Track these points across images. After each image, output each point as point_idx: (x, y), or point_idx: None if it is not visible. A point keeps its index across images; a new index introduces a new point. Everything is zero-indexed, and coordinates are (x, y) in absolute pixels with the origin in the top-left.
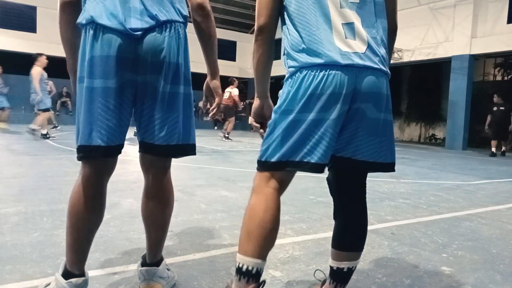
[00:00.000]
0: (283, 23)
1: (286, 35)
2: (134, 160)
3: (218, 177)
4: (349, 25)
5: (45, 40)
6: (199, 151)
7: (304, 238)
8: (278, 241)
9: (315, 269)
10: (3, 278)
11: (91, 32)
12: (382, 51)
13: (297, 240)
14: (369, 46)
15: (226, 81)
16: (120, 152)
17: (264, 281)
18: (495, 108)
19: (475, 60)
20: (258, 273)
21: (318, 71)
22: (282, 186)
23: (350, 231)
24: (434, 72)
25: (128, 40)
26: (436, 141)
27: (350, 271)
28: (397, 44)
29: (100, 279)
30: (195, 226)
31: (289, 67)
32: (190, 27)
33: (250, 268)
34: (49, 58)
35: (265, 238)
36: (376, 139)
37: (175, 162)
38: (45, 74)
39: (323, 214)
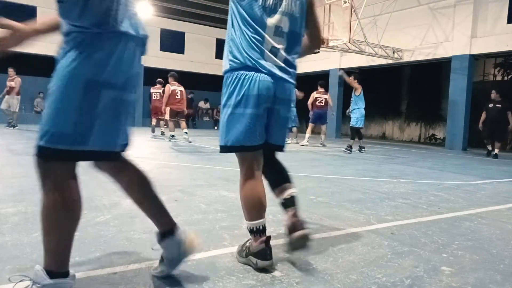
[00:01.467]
0: (233, 27)
1: (233, 38)
2: (134, 160)
3: (218, 177)
4: (277, 48)
5: (46, 40)
6: (199, 151)
7: None
8: (278, 241)
9: (314, 267)
10: (3, 278)
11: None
12: (293, 70)
13: None
14: (286, 65)
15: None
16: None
17: (270, 236)
18: (491, 105)
19: (475, 60)
20: (265, 227)
21: (253, 73)
22: (253, 166)
23: (277, 173)
24: (434, 72)
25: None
26: (436, 141)
27: (293, 197)
28: (397, 44)
29: (100, 279)
30: (195, 226)
31: (233, 57)
32: (194, 28)
33: (259, 226)
34: (50, 58)
35: (261, 204)
36: (283, 130)
37: (175, 162)
38: None
39: (323, 214)
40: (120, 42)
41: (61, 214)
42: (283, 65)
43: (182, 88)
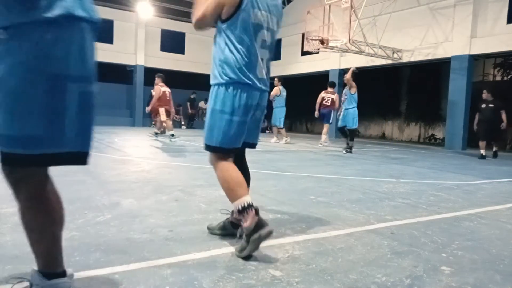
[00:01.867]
0: (226, 46)
1: (226, 51)
2: (134, 160)
3: None
4: (262, 60)
5: None
6: (199, 151)
7: (304, 238)
8: (278, 241)
9: (314, 267)
10: (3, 278)
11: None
12: (268, 79)
13: (297, 240)
14: (266, 76)
15: None
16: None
17: (257, 208)
18: (483, 106)
19: (475, 60)
20: (251, 202)
21: (246, 88)
22: (228, 158)
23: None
24: (434, 72)
25: None
26: (436, 141)
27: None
28: (396, 45)
29: (100, 279)
30: (195, 226)
31: (228, 78)
32: (194, 29)
33: (247, 202)
34: None
35: (241, 179)
36: (259, 130)
37: (175, 162)
38: None
39: (323, 214)
40: (76, 29)
41: (45, 221)
42: (265, 77)
43: (169, 89)
